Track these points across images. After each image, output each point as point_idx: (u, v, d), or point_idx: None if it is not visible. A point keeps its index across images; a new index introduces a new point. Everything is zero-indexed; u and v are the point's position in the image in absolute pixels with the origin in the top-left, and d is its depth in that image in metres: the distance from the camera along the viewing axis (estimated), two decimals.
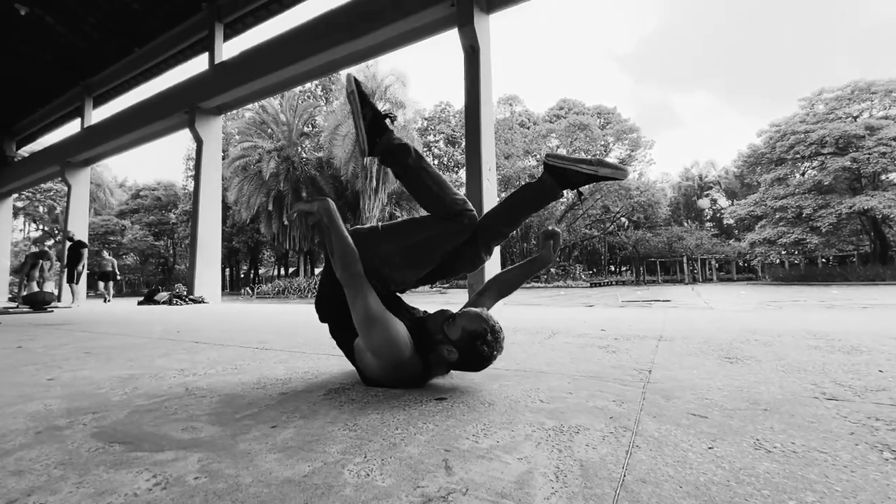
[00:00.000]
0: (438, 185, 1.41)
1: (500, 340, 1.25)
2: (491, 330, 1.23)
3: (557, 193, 1.51)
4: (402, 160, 1.46)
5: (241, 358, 1.93)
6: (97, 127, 12.82)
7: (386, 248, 1.38)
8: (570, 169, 1.45)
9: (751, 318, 3.44)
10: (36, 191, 37.09)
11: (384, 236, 1.42)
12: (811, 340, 2.10)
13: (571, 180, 1.47)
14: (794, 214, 25.05)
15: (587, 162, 1.44)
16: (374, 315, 1.19)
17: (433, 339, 1.26)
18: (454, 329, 1.23)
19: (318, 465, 0.76)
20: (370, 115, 1.50)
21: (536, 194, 1.52)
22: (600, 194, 33.85)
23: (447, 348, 1.23)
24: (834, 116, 25.56)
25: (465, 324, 1.23)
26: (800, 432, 0.88)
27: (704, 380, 1.34)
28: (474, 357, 1.23)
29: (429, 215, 1.44)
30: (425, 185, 1.42)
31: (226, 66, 9.63)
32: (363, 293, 1.21)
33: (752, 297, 10.53)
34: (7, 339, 2.91)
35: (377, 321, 1.18)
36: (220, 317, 4.73)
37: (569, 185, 1.49)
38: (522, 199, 1.54)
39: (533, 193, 1.52)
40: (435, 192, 1.40)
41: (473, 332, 1.22)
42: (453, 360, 1.24)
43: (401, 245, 1.39)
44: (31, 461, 0.81)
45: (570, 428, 0.92)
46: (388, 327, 1.18)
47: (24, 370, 1.74)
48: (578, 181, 1.47)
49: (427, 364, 1.26)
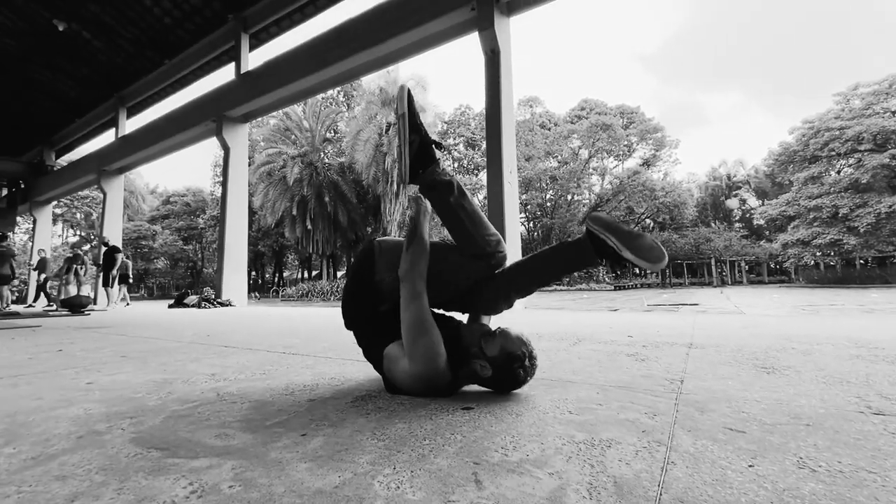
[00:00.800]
0: (474, 224, 1.33)
1: (535, 367, 1.26)
2: (529, 355, 1.24)
3: (594, 261, 1.30)
4: (443, 197, 1.34)
5: (269, 363, 1.96)
6: (131, 136, 13.34)
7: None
8: (604, 240, 1.25)
9: (786, 323, 3.31)
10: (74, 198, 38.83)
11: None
12: (853, 349, 2.01)
13: (604, 252, 1.28)
14: (830, 214, 24.08)
15: (626, 235, 1.22)
16: (427, 323, 1.18)
17: (468, 351, 1.26)
18: (492, 346, 1.23)
19: (348, 475, 0.76)
20: (417, 143, 1.35)
21: (571, 256, 1.34)
22: (624, 195, 33.26)
23: (481, 363, 1.23)
24: (871, 112, 24.48)
25: (505, 343, 1.22)
26: (846, 450, 0.84)
27: (740, 391, 1.29)
28: (508, 377, 1.23)
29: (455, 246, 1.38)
30: (461, 222, 1.33)
31: (251, 76, 9.89)
32: (422, 298, 1.20)
33: (786, 300, 10.15)
34: (48, 341, 3.04)
35: (428, 330, 1.18)
36: (247, 320, 4.83)
37: (604, 256, 1.29)
38: (555, 261, 1.36)
39: (567, 255, 1.34)
40: (469, 231, 1.32)
41: (512, 354, 1.21)
42: (485, 377, 1.24)
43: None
44: (74, 466, 0.84)
45: (601, 441, 0.90)
46: (435, 337, 1.18)
47: (65, 373, 1.81)
48: (608, 255, 1.27)
49: (455, 376, 1.26)
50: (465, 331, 1.37)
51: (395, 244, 1.40)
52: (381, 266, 1.35)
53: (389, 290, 1.34)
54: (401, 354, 1.24)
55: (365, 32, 7.80)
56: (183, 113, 11.56)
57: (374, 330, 1.38)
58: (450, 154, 36.28)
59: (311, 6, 9.57)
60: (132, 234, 37.18)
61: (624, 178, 33.68)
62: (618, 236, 1.22)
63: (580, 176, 34.78)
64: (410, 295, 1.21)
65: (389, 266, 1.33)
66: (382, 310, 1.38)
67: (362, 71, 8.74)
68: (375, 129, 23.28)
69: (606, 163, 37.27)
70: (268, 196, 24.77)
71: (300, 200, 24.81)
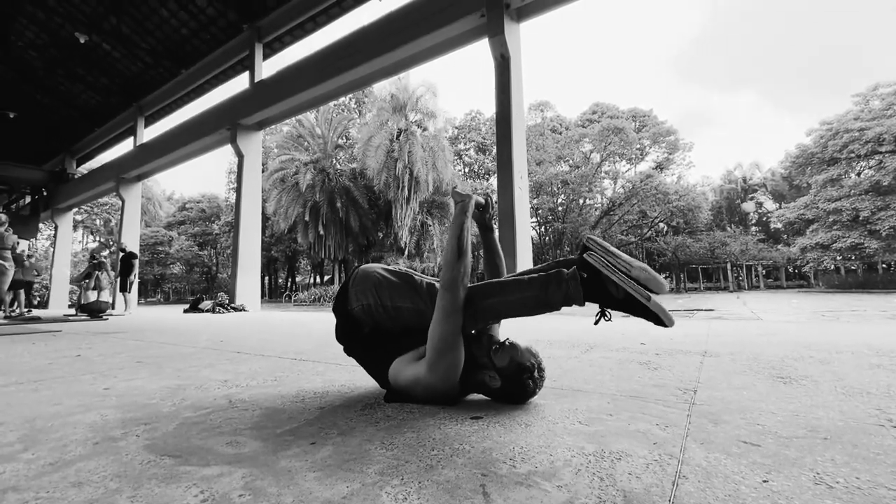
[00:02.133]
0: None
1: (543, 379, 1.27)
2: (538, 367, 1.24)
3: (580, 303, 1.15)
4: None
5: (280, 369, 1.98)
6: (148, 144, 13.64)
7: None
8: (612, 279, 1.10)
9: (804, 330, 3.24)
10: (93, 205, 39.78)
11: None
12: (874, 358, 1.95)
13: (597, 292, 1.14)
14: (850, 217, 23.52)
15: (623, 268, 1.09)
16: (458, 340, 1.17)
17: (477, 361, 1.26)
18: (502, 357, 1.23)
19: (356, 485, 0.76)
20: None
21: (541, 293, 1.17)
22: (637, 199, 32.93)
23: (490, 374, 1.23)
24: (892, 112, 23.90)
25: (515, 354, 1.22)
26: (865, 465, 0.82)
27: (755, 402, 1.27)
28: (517, 389, 1.23)
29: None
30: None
31: (265, 84, 10.05)
32: (459, 314, 1.16)
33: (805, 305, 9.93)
34: (67, 346, 3.11)
35: (457, 346, 1.17)
36: (260, 325, 4.89)
37: (595, 298, 1.15)
38: (523, 294, 1.19)
39: (537, 290, 1.17)
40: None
41: (522, 365, 1.21)
42: (494, 388, 1.24)
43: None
44: (90, 472, 0.85)
45: (611, 454, 0.89)
46: (461, 355, 1.18)
47: (83, 379, 1.85)
48: (603, 298, 1.14)
49: (464, 386, 1.26)
50: (473, 341, 1.37)
51: (365, 275, 1.39)
52: (352, 296, 1.38)
53: (362, 316, 1.37)
54: (412, 360, 1.25)
55: (376, 41, 7.89)
56: (199, 121, 11.80)
57: (368, 352, 1.41)
58: (461, 159, 36.35)
59: (324, 16, 9.72)
60: (149, 240, 37.89)
61: (636, 181, 33.33)
62: (624, 267, 1.09)
63: (592, 180, 34.52)
64: (451, 308, 1.16)
65: (357, 296, 1.36)
66: (366, 332, 1.41)
67: (373, 78, 8.83)
68: (387, 135, 23.43)
69: (619, 167, 36.95)
70: (281, 202, 25.06)
71: (312, 206, 25.05)
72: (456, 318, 1.16)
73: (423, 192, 23.66)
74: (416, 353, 1.29)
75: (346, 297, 1.40)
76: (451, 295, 1.17)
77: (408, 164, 22.91)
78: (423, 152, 23.39)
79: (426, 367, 1.19)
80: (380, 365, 1.35)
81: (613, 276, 1.09)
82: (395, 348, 1.32)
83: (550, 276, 1.17)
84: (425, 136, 24.10)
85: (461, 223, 1.26)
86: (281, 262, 38.93)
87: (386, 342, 1.36)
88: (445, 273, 1.19)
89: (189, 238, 41.07)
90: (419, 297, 1.32)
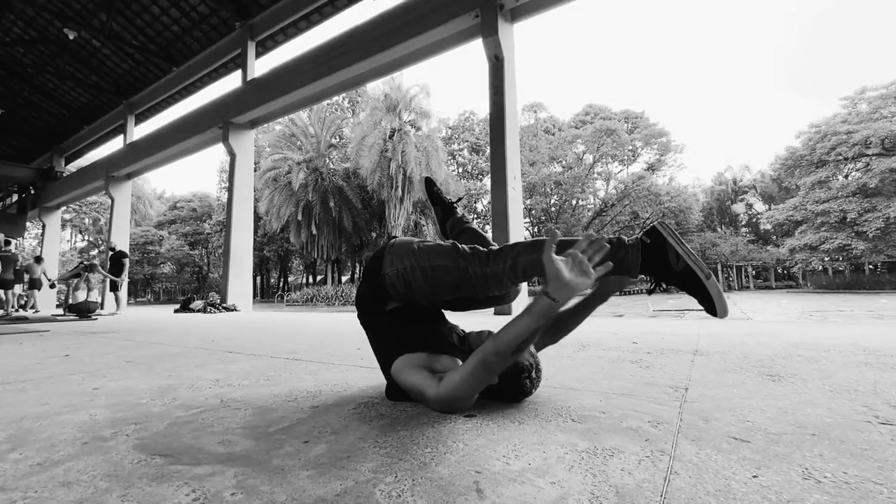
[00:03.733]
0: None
1: (540, 379, 1.26)
2: (535, 366, 1.24)
3: (634, 274, 1.13)
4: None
5: (272, 368, 1.97)
6: (139, 143, 13.50)
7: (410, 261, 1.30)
8: (675, 248, 1.07)
9: (793, 330, 3.28)
10: (82, 203, 39.28)
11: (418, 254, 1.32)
12: (861, 356, 1.99)
13: (660, 266, 1.11)
14: (838, 219, 23.88)
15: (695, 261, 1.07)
16: (486, 384, 1.14)
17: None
18: None
19: (349, 483, 0.76)
20: (440, 211, 1.83)
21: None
22: (629, 200, 33.18)
23: None
24: (879, 115, 24.34)
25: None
26: (852, 461, 0.83)
27: (745, 400, 1.28)
28: (514, 387, 1.23)
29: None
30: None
31: (258, 83, 9.99)
32: (502, 368, 1.11)
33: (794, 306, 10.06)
34: (56, 346, 3.07)
35: (475, 395, 1.15)
36: (251, 325, 4.86)
37: (651, 271, 1.13)
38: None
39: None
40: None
41: (519, 364, 1.21)
42: (491, 386, 1.24)
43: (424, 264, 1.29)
44: (79, 472, 0.84)
45: (603, 450, 0.90)
46: (474, 399, 1.16)
47: (72, 379, 1.83)
48: (660, 269, 1.11)
49: None
50: (471, 340, 1.37)
51: (403, 243, 1.36)
52: (387, 261, 1.32)
53: (395, 281, 1.30)
54: (422, 367, 1.22)
55: (369, 40, 7.87)
56: (190, 119, 11.70)
57: (384, 327, 1.36)
58: (454, 159, 36.36)
59: (317, 14, 9.68)
60: (139, 240, 37.49)
61: (629, 182, 33.61)
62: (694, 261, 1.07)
63: (585, 181, 34.74)
64: (485, 382, 1.10)
65: (393, 261, 1.31)
66: (390, 308, 1.35)
67: (367, 78, 8.82)
68: (380, 135, 23.40)
69: (611, 168, 37.23)
70: (273, 201, 24.93)
71: (305, 206, 24.94)
72: (495, 372, 1.10)
73: (416, 192, 23.65)
74: (428, 360, 1.25)
75: (381, 261, 1.34)
76: (490, 375, 1.10)
77: (401, 164, 22.89)
78: (417, 152, 23.38)
79: (434, 396, 1.14)
80: (387, 353, 1.31)
81: (678, 246, 1.08)
82: (406, 336, 1.29)
83: (612, 240, 1.13)
84: (419, 135, 24.11)
85: (542, 326, 1.03)
86: (273, 262, 38.70)
87: (402, 325, 1.31)
88: (496, 359, 1.06)
89: (180, 237, 40.69)
90: (457, 254, 1.24)
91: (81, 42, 12.11)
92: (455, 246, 1.28)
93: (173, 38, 11.54)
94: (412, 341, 1.29)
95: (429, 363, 1.24)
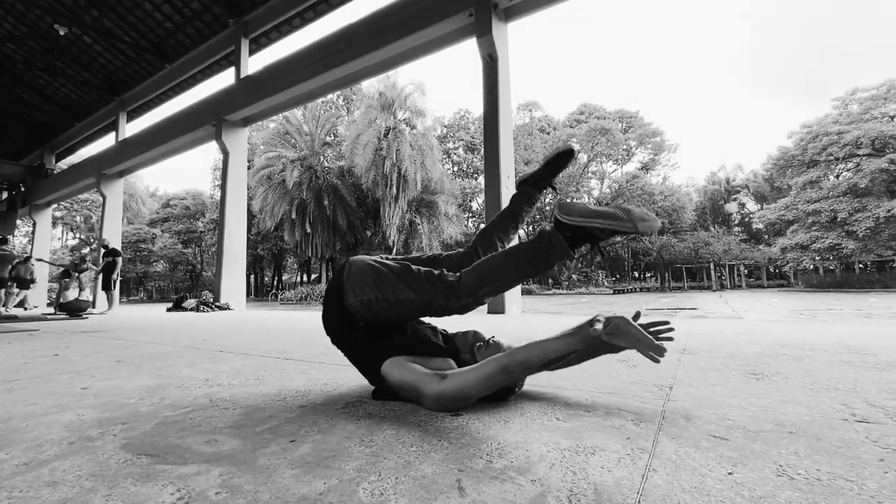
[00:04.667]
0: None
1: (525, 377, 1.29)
2: None
3: (569, 254, 1.19)
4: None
5: (263, 368, 1.97)
6: (131, 140, 13.39)
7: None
8: (588, 226, 1.14)
9: (782, 328, 3.33)
10: (73, 201, 38.89)
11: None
12: (845, 355, 2.02)
13: (591, 237, 1.17)
14: (829, 218, 24.13)
15: (611, 217, 1.12)
16: (478, 397, 1.17)
17: (460, 358, 1.27)
18: (485, 354, 1.25)
19: (333, 482, 0.77)
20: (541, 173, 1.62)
21: (535, 257, 1.20)
22: (623, 199, 33.34)
23: None
24: (869, 116, 24.61)
25: (497, 352, 1.24)
26: (826, 458, 0.85)
27: (727, 398, 1.31)
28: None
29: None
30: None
31: (251, 80, 9.94)
32: (506, 380, 1.14)
33: (784, 305, 10.17)
34: (45, 346, 3.05)
35: (476, 398, 1.17)
36: (244, 325, 4.84)
37: (588, 241, 1.19)
38: (514, 264, 1.23)
39: (529, 255, 1.21)
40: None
41: None
42: None
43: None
44: (65, 472, 0.85)
45: (585, 448, 0.91)
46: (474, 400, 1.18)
47: (60, 378, 1.82)
48: (600, 238, 1.18)
49: None
50: (458, 339, 1.38)
51: (360, 267, 1.34)
52: (348, 291, 1.32)
53: (360, 310, 1.32)
54: (414, 366, 1.23)
55: (364, 38, 7.85)
56: (183, 117, 11.62)
57: (359, 347, 1.37)
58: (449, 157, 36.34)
59: (311, 11, 9.64)
60: (132, 238, 37.19)
61: (623, 182, 33.79)
62: (610, 218, 1.11)
63: (579, 180, 34.87)
64: (496, 385, 1.13)
65: (355, 291, 1.31)
66: (360, 326, 1.37)
67: (361, 76, 8.79)
68: (375, 133, 23.34)
69: (605, 167, 37.40)
70: (267, 199, 24.81)
71: (299, 204, 24.85)
72: (499, 382, 1.13)
73: (411, 191, 23.62)
74: (421, 361, 1.26)
75: (342, 291, 1.34)
76: (508, 380, 1.12)
77: (396, 163, 22.85)
78: (412, 150, 23.35)
79: (436, 393, 1.15)
80: (371, 362, 1.32)
81: (580, 218, 1.14)
82: (389, 347, 1.30)
83: (540, 236, 1.22)
84: (414, 134, 24.08)
85: (576, 351, 1.11)
86: (267, 261, 38.53)
87: (380, 339, 1.32)
88: (521, 369, 1.11)
89: (173, 235, 40.40)
90: (421, 286, 1.26)
91: (72, 38, 11.98)
92: (416, 274, 1.29)
93: (166, 34, 11.45)
94: (397, 347, 1.30)
95: (422, 363, 1.26)
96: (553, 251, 1.18)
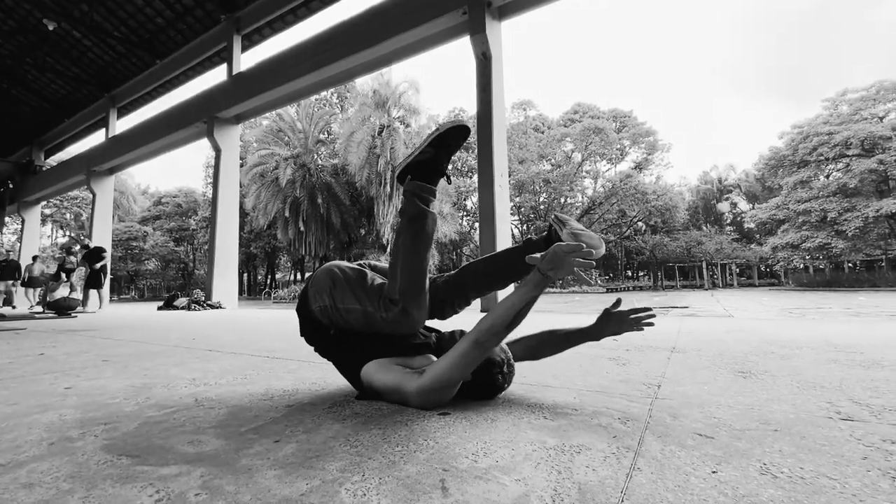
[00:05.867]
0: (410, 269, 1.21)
1: (513, 374, 1.28)
2: (507, 361, 1.25)
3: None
4: (413, 220, 1.22)
5: (251, 367, 1.96)
6: (121, 137, 13.22)
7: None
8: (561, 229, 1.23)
9: (771, 327, 3.35)
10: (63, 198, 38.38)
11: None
12: (831, 353, 2.04)
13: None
14: (819, 218, 24.39)
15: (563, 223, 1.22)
16: (458, 383, 1.18)
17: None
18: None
19: (316, 483, 0.76)
20: (430, 155, 1.25)
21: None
22: (616, 198, 33.50)
23: None
24: (859, 117, 24.89)
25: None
26: (809, 456, 0.85)
27: (715, 396, 1.31)
28: (487, 383, 1.24)
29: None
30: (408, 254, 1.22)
31: (244, 77, 9.85)
32: (477, 363, 1.15)
33: (774, 303, 10.26)
34: (31, 345, 3.01)
35: (458, 385, 1.18)
36: (235, 323, 4.81)
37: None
38: (507, 263, 1.32)
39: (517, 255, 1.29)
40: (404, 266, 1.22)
41: (491, 360, 1.22)
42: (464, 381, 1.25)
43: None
44: (42, 473, 0.83)
45: (571, 447, 0.91)
46: (455, 390, 1.20)
47: (44, 378, 1.80)
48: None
49: None
50: (444, 340, 1.38)
51: (322, 272, 1.33)
52: (311, 296, 1.32)
53: (321, 317, 1.31)
54: (393, 367, 1.22)
55: (357, 35, 7.81)
56: (174, 114, 11.49)
57: (338, 352, 1.36)
58: None
59: (304, 8, 9.57)
60: (123, 236, 36.80)
61: (616, 181, 33.91)
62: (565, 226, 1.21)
63: (573, 179, 34.96)
64: (475, 364, 1.13)
65: (315, 297, 1.30)
66: (332, 333, 1.35)
67: (355, 73, 8.75)
68: (369, 131, 23.25)
69: (599, 166, 37.54)
70: (260, 197, 24.64)
71: (293, 202, 24.70)
72: (472, 369, 1.15)
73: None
74: (401, 361, 1.26)
75: (306, 296, 1.34)
76: (482, 354, 1.12)
77: (390, 161, 22.78)
78: (406, 149, 23.28)
79: (416, 388, 1.15)
80: (351, 366, 1.31)
81: (558, 225, 1.23)
82: (369, 350, 1.29)
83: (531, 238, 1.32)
84: (408, 132, 24.01)
85: (535, 297, 1.10)
86: (260, 259, 38.28)
87: (356, 344, 1.31)
88: (489, 336, 1.11)
89: (165, 233, 40.04)
90: (367, 297, 1.25)
91: (62, 33, 11.80)
92: (363, 283, 1.27)
93: (157, 29, 11.31)
94: (374, 350, 1.28)
95: (403, 364, 1.25)
96: (537, 245, 1.27)
